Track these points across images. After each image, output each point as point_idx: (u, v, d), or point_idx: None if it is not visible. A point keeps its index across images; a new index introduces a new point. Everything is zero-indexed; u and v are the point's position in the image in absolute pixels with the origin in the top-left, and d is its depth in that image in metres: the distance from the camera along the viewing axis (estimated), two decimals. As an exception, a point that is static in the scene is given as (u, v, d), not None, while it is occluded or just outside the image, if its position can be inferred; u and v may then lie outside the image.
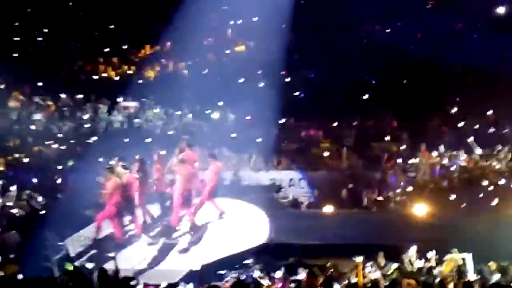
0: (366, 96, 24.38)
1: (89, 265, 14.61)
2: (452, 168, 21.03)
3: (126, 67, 26.36)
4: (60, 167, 21.14)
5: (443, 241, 16.55)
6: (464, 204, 19.91)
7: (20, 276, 13.80)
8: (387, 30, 25.87)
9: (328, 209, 19.68)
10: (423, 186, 20.78)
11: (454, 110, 23.95)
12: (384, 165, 21.70)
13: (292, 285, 13.99)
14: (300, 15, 24.56)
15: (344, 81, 24.90)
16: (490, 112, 23.35)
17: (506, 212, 18.84)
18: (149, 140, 21.93)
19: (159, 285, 14.36)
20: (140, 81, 25.33)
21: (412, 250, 15.87)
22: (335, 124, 24.00)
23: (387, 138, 23.15)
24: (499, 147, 21.46)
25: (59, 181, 20.41)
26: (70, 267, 13.93)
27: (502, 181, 20.20)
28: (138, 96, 24.56)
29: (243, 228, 18.03)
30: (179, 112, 24.25)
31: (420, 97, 24.11)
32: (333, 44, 24.99)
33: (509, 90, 22.57)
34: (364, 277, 14.13)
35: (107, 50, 26.23)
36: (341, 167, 22.14)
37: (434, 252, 15.64)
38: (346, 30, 25.23)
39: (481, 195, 20.07)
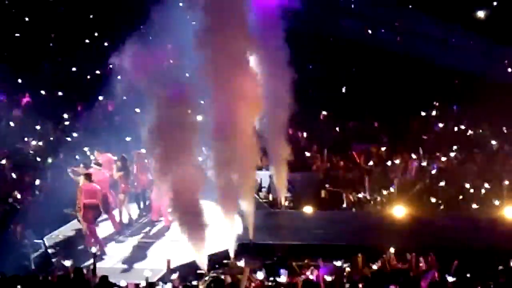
0: (347, 96, 24.38)
1: (67, 263, 14.48)
2: (433, 172, 21.14)
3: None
4: (38, 164, 21.02)
5: (423, 243, 16.60)
6: (443, 206, 20.02)
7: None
8: (369, 31, 25.89)
9: (308, 209, 19.68)
10: (403, 187, 20.86)
11: (434, 113, 24.02)
12: (362, 166, 21.77)
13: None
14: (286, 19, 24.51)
15: (326, 81, 24.88)
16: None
17: (486, 215, 18.92)
18: (129, 139, 21.82)
19: (138, 284, 14.28)
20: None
21: (391, 252, 15.88)
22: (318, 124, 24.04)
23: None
24: (476, 150, 21.63)
25: (37, 181, 20.20)
26: None
27: (481, 184, 20.35)
28: (119, 94, 24.39)
29: (222, 227, 17.99)
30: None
31: (402, 100, 24.19)
32: (314, 45, 25.01)
33: (490, 93, 22.77)
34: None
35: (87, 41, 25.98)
36: (322, 167, 22.13)
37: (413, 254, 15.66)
38: (330, 30, 25.21)
39: (461, 197, 20.20)
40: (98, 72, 25.94)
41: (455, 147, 22.06)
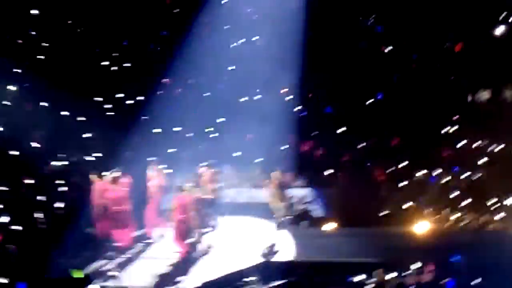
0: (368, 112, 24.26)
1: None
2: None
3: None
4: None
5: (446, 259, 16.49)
6: (465, 222, 19.88)
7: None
8: (389, 48, 25.71)
9: (331, 226, 19.61)
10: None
11: (454, 129, 23.76)
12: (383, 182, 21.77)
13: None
14: (303, 39, 24.60)
15: (346, 97, 24.79)
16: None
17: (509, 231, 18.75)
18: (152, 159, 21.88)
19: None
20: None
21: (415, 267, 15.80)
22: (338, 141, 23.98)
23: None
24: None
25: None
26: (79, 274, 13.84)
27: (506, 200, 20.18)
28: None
29: (245, 245, 18.03)
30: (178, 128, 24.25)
31: (423, 115, 24.01)
32: (332, 62, 24.95)
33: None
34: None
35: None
36: (344, 184, 22.06)
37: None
38: (348, 48, 25.14)
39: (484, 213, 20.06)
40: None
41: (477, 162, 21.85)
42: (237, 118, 23.78)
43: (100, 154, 22.72)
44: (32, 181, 20.80)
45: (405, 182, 21.91)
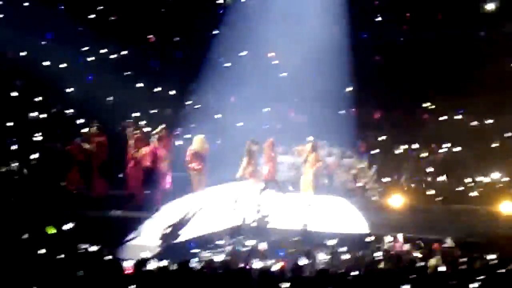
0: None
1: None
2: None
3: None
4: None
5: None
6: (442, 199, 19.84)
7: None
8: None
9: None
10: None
11: (437, 103, 23.67)
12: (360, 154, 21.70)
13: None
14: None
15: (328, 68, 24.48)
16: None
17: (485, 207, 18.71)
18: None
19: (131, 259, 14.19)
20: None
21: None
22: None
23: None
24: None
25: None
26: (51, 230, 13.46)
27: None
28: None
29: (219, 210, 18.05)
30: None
31: (405, 88, 23.89)
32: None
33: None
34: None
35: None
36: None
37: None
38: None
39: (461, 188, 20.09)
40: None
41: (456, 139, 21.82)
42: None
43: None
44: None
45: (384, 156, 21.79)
